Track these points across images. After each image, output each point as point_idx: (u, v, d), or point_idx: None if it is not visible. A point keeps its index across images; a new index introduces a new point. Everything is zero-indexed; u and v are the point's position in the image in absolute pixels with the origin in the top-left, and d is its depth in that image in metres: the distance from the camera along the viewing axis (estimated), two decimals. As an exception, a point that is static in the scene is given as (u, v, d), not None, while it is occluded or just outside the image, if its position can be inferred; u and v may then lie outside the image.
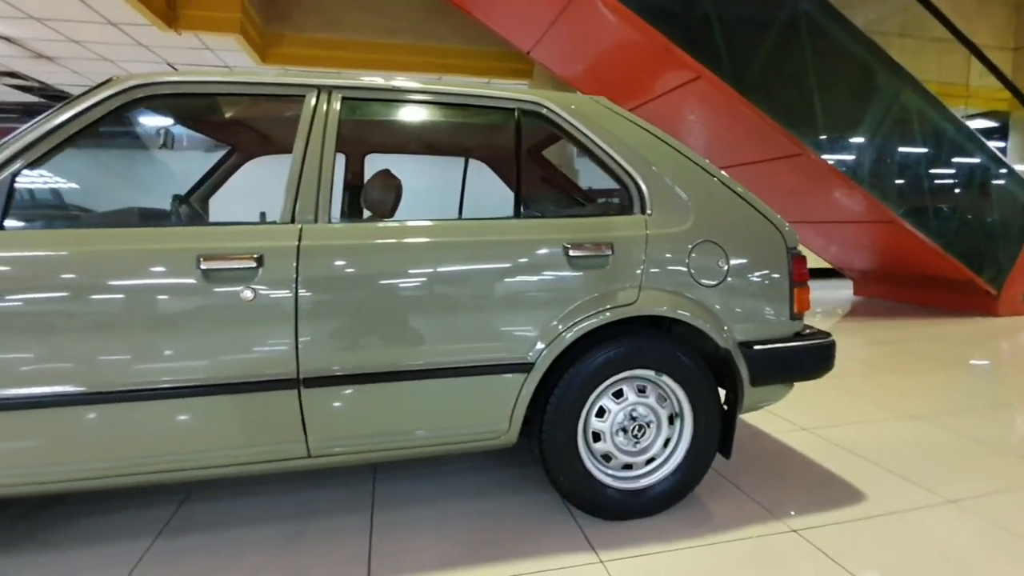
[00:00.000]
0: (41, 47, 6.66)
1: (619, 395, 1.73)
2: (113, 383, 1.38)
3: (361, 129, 2.28)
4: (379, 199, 1.87)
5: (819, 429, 2.51)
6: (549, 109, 1.77)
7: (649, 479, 1.75)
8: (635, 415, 1.73)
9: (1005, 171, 5.73)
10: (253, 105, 2.05)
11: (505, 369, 1.59)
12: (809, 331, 1.87)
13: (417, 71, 6.89)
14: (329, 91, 1.65)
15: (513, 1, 5.01)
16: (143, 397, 1.41)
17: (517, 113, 1.78)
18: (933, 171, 5.47)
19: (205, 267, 1.42)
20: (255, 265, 1.44)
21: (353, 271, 1.51)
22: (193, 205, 2.33)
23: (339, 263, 1.51)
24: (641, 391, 1.75)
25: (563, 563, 1.54)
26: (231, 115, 2.15)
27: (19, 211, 1.45)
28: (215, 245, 1.44)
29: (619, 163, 1.76)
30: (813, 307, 6.26)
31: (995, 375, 3.43)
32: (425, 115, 2.09)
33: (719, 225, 1.75)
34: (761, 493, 1.92)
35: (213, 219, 2.20)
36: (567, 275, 1.63)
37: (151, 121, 2.25)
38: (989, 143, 5.60)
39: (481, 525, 1.72)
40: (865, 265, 6.74)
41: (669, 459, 1.77)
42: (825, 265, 7.57)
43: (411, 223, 1.61)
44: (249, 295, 1.44)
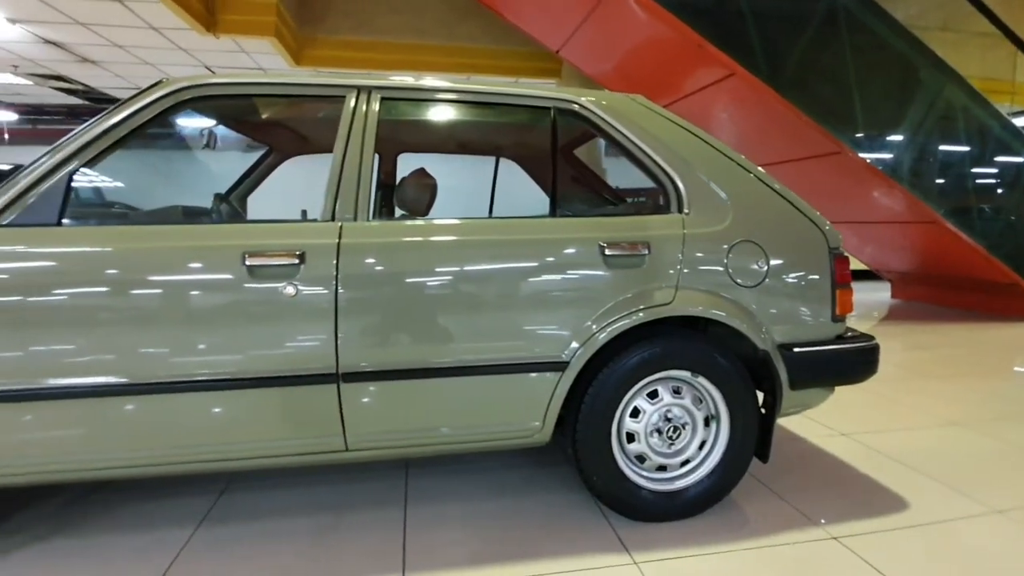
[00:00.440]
0: (86, 51, 6.92)
1: (654, 396, 1.72)
2: (162, 375, 1.43)
3: (396, 129, 2.31)
4: (415, 198, 1.89)
5: (859, 435, 2.45)
6: (585, 107, 1.77)
7: (684, 481, 1.73)
8: (670, 416, 1.71)
9: (1055, 170, 5.49)
10: (292, 105, 2.09)
11: (540, 367, 1.59)
12: (851, 334, 1.82)
13: (446, 71, 6.94)
14: (368, 91, 1.67)
15: (544, 1, 5.01)
16: (189, 389, 1.45)
17: (553, 112, 1.78)
18: (977, 170, 5.26)
19: (250, 263, 1.45)
20: (297, 262, 1.48)
21: (391, 268, 1.53)
22: (232, 203, 2.39)
23: (378, 260, 1.53)
24: (676, 392, 1.73)
25: (596, 563, 1.54)
26: (271, 116, 2.20)
27: (74, 209, 1.51)
28: (260, 242, 1.48)
29: (656, 161, 1.74)
30: (848, 310, 6.07)
31: (1045, 382, 3.29)
32: (460, 115, 2.11)
33: (758, 224, 1.72)
34: (799, 499, 1.88)
35: (248, 217, 2.25)
36: (603, 274, 1.62)
37: (195, 122, 2.32)
38: (1037, 141, 5.37)
39: (514, 523, 1.73)
40: (904, 267, 6.53)
41: (705, 461, 1.74)
42: (861, 266, 7.36)
43: (449, 221, 1.62)
44: (291, 291, 1.47)
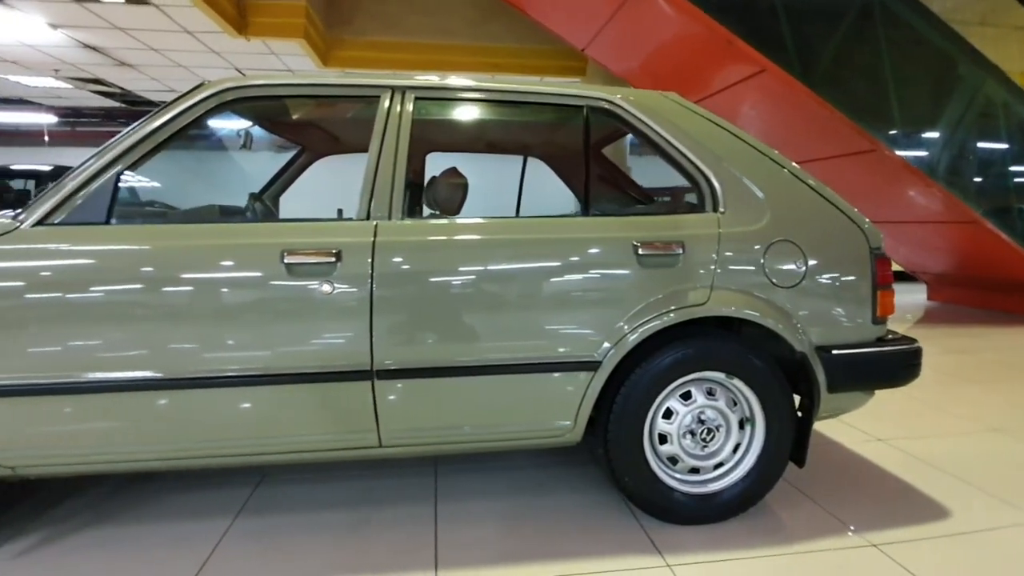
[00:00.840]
0: (124, 55, 7.14)
1: (687, 397, 1.69)
2: (203, 370, 1.47)
3: (427, 128, 2.33)
4: (447, 197, 1.90)
5: (896, 440, 2.38)
6: (619, 105, 1.75)
7: (718, 484, 1.71)
8: (703, 418, 1.69)
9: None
10: (325, 106, 2.12)
11: (573, 367, 1.59)
12: (893, 336, 1.78)
13: (471, 71, 6.97)
14: (403, 91, 1.69)
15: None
16: (229, 384, 1.48)
17: (585, 110, 1.77)
18: (1018, 168, 5.07)
19: (289, 261, 1.48)
20: (334, 260, 1.50)
21: (426, 267, 1.55)
22: (266, 202, 2.44)
23: (413, 259, 1.54)
24: (710, 394, 1.70)
25: (628, 564, 1.52)
26: (305, 116, 2.23)
27: (120, 208, 1.56)
28: (298, 240, 1.51)
29: (691, 159, 1.72)
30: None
31: (1094, 389, 3.15)
32: (492, 114, 2.11)
33: (797, 224, 1.69)
34: (836, 504, 1.84)
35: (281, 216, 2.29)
36: (636, 274, 1.61)
37: (233, 123, 2.37)
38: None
39: (544, 522, 1.73)
40: (940, 268, 6.33)
41: (739, 465, 1.72)
42: (895, 268, 7.16)
43: (483, 220, 1.62)
44: (328, 289, 1.50)
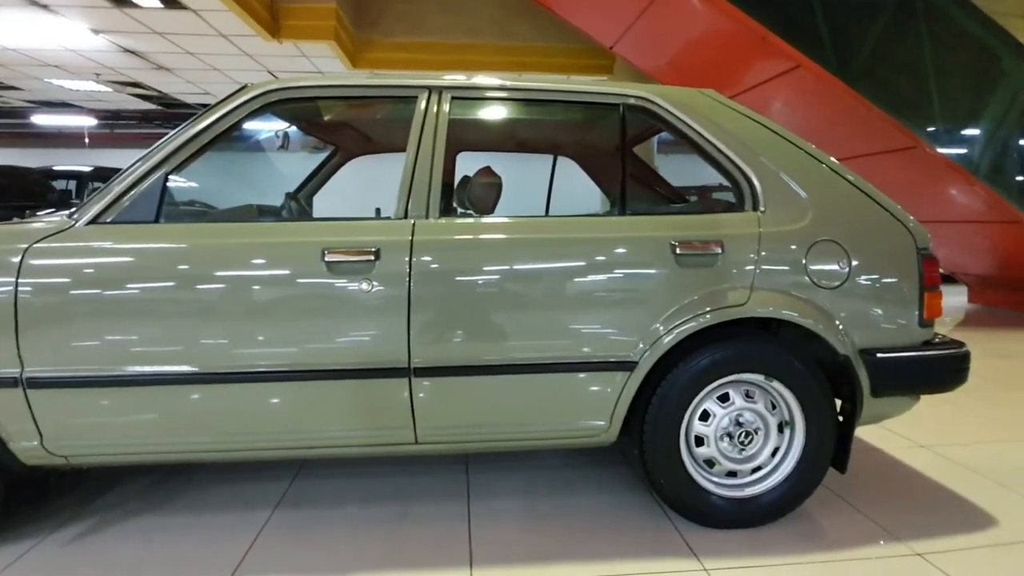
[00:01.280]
0: (161, 59, 7.35)
1: (725, 399, 1.67)
2: (246, 365, 1.50)
3: (460, 128, 2.34)
4: (482, 196, 1.91)
5: (939, 447, 2.31)
6: (656, 103, 1.73)
7: (756, 488, 1.68)
8: (741, 421, 1.67)
9: None
10: (362, 106, 2.15)
11: (609, 366, 1.58)
12: (940, 339, 1.72)
13: (498, 70, 6.98)
14: (440, 92, 1.70)
15: (599, -3, 4.96)
16: (270, 378, 1.52)
17: (622, 108, 1.75)
18: (1067, 166, 4.87)
19: (329, 259, 1.51)
20: (373, 258, 1.52)
21: (463, 265, 1.56)
22: (301, 202, 2.49)
23: (450, 257, 1.55)
24: (749, 396, 1.68)
25: (665, 567, 1.51)
26: (342, 117, 2.27)
27: (167, 207, 1.60)
28: (338, 239, 1.53)
29: (730, 158, 1.69)
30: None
31: None
32: (526, 113, 2.11)
33: (840, 223, 1.65)
34: (878, 512, 1.79)
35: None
36: (673, 274, 1.59)
37: (269, 125, 2.42)
38: None
39: (578, 522, 1.72)
40: (982, 270, 6.11)
41: (777, 469, 1.68)
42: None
43: (518, 219, 1.62)
44: (366, 287, 1.52)
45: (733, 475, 1.69)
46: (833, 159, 1.74)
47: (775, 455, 1.69)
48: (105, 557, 1.55)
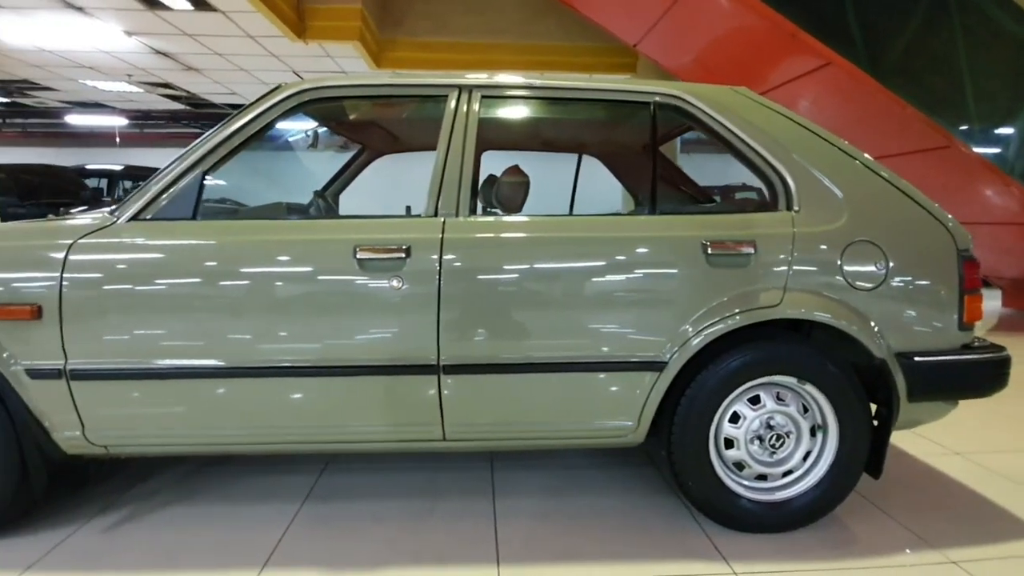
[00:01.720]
0: (191, 60, 7.50)
1: (756, 401, 1.65)
2: (278, 359, 1.53)
3: (488, 126, 2.35)
4: (510, 194, 1.91)
5: (975, 455, 2.25)
6: (688, 101, 1.71)
7: (787, 492, 1.65)
8: (772, 424, 1.64)
9: None
10: (391, 105, 2.17)
11: (638, 366, 1.57)
12: (979, 343, 1.68)
13: (521, 69, 6.98)
14: (470, 90, 1.71)
15: (623, -5, 4.92)
16: (302, 373, 1.54)
17: (652, 107, 1.74)
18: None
19: (361, 256, 1.52)
20: (404, 256, 1.53)
21: (493, 263, 1.56)
22: (328, 200, 2.52)
23: (480, 255, 1.56)
24: (780, 399, 1.65)
25: (694, 570, 1.50)
26: (372, 115, 2.29)
27: (204, 205, 1.64)
28: (369, 236, 1.55)
29: (764, 157, 1.66)
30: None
31: None
32: (555, 111, 2.11)
33: (877, 223, 1.61)
34: (911, 519, 1.75)
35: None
36: (705, 274, 1.57)
37: (298, 124, 2.45)
38: None
39: (605, 522, 1.71)
40: (1018, 273, 5.92)
41: (809, 473, 1.66)
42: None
43: (549, 218, 1.62)
44: (397, 284, 1.53)
45: (764, 479, 1.67)
46: (867, 155, 1.70)
47: (807, 459, 1.67)
48: (143, 543, 1.60)
